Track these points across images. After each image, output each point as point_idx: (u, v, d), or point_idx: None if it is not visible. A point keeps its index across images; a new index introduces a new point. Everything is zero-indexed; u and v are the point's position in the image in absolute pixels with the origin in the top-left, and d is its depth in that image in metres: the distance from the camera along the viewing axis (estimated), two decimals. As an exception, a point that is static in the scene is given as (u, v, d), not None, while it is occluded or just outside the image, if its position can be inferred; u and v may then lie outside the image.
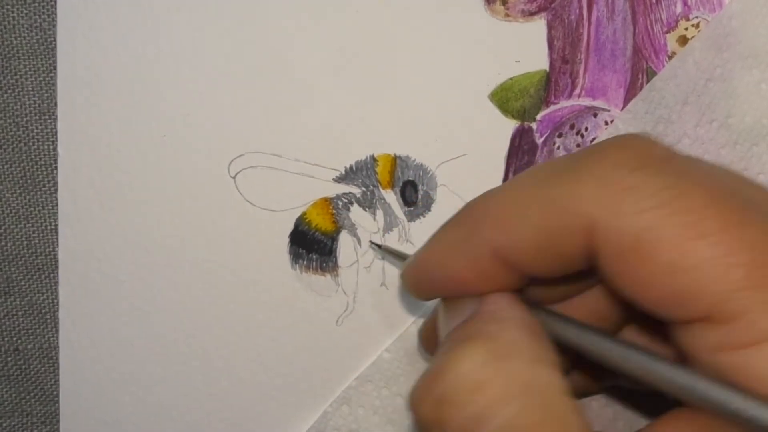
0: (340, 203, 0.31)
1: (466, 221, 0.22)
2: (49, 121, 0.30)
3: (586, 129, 0.32)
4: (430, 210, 0.31)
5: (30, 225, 0.30)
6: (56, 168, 0.30)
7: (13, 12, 0.30)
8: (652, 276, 0.19)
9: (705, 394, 0.19)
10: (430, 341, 0.28)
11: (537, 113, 0.32)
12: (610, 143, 0.21)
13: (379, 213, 0.31)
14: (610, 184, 0.19)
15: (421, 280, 0.24)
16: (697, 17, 0.32)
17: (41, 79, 0.30)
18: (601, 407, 0.30)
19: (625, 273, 0.20)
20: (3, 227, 0.30)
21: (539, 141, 0.32)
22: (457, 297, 0.23)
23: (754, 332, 0.18)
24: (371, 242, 0.31)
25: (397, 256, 0.30)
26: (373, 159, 0.31)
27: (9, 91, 0.30)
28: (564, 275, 0.22)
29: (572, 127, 0.32)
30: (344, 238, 0.31)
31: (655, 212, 0.19)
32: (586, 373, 0.27)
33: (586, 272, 0.21)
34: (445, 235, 0.23)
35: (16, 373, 0.31)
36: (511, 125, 0.32)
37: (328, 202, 0.31)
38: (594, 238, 0.20)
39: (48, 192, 0.30)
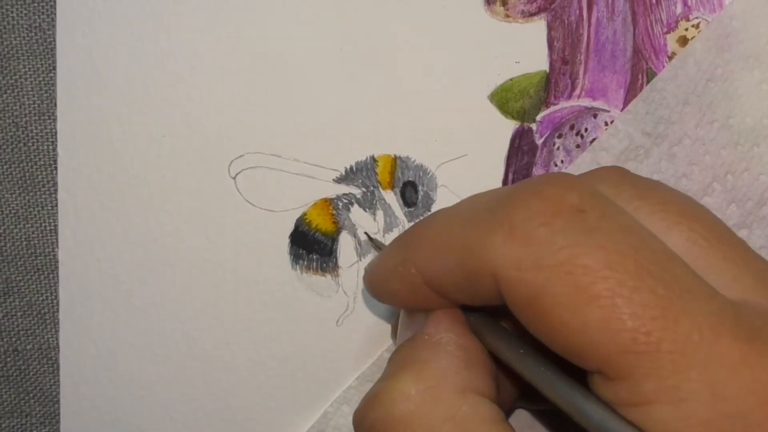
0: (341, 204, 0.31)
1: (402, 247, 0.24)
2: (48, 121, 0.30)
3: (586, 130, 0.32)
4: (430, 211, 0.31)
5: (29, 225, 0.30)
6: (56, 168, 0.30)
7: (12, 12, 0.30)
8: (549, 330, 0.20)
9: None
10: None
11: (537, 114, 0.32)
12: (528, 189, 0.21)
13: (380, 213, 0.31)
14: (516, 237, 0.20)
15: (374, 291, 0.26)
16: (697, 18, 0.32)
17: (41, 79, 0.30)
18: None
19: (527, 321, 0.21)
20: (2, 228, 0.30)
21: (539, 142, 0.32)
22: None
23: (636, 394, 0.19)
24: (366, 233, 0.31)
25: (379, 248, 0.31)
26: (374, 159, 0.31)
27: (8, 92, 0.30)
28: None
29: (572, 127, 0.32)
30: (344, 238, 0.31)
31: (553, 270, 0.19)
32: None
33: None
34: (387, 257, 0.25)
35: (15, 374, 0.31)
36: (510, 126, 0.32)
37: (328, 202, 0.31)
38: (500, 285, 0.21)
39: (47, 192, 0.30)
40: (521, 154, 0.32)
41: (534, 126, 0.32)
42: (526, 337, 0.24)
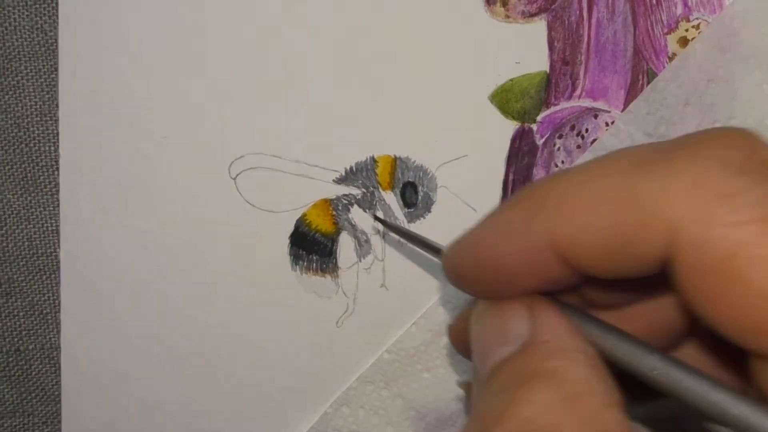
0: (341, 204, 0.31)
1: (525, 203, 0.20)
2: (50, 122, 0.30)
3: (587, 130, 0.32)
4: (430, 211, 0.31)
5: (31, 226, 0.30)
6: (57, 169, 0.30)
7: (14, 13, 0.30)
8: (739, 299, 0.17)
9: None
10: (460, 340, 0.25)
11: (537, 114, 0.32)
12: (712, 136, 0.18)
13: (380, 214, 0.31)
14: (705, 186, 0.17)
15: (464, 265, 0.21)
16: (697, 18, 0.32)
17: (43, 80, 0.30)
18: None
19: (707, 291, 0.17)
20: (4, 228, 0.30)
21: (539, 142, 0.32)
22: (498, 301, 0.21)
23: None
24: (375, 216, 0.30)
25: (402, 233, 0.29)
26: (373, 160, 0.31)
27: (10, 93, 0.30)
28: (627, 279, 0.19)
29: (573, 128, 0.32)
30: (344, 239, 0.31)
31: (755, 227, 0.16)
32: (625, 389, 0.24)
33: (653, 279, 0.19)
34: (500, 216, 0.20)
35: (17, 374, 0.31)
36: (511, 126, 0.31)
37: (328, 203, 0.31)
38: (676, 245, 0.17)
39: (49, 193, 0.30)
40: (522, 154, 0.32)
41: (534, 126, 0.32)
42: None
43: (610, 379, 0.19)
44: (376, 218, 0.31)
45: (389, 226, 0.30)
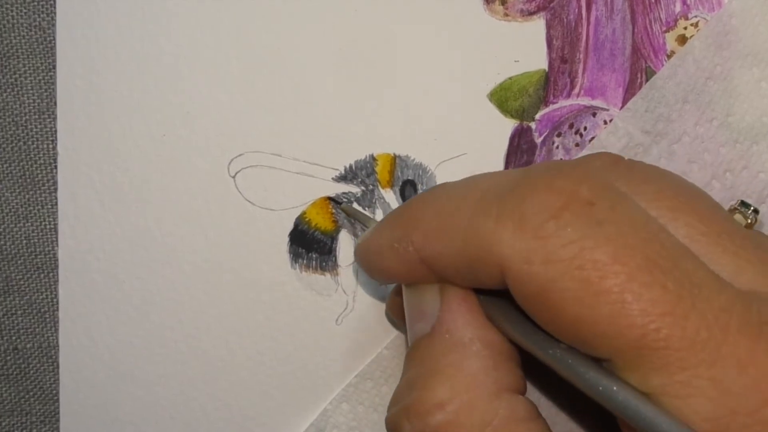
0: (341, 198, 0.31)
1: (400, 224, 0.24)
2: (48, 120, 0.30)
3: (585, 128, 0.32)
4: (429, 209, 0.31)
5: (29, 224, 0.30)
6: (56, 167, 0.30)
7: (12, 11, 0.30)
8: (558, 322, 0.20)
9: (631, 411, 0.19)
10: (395, 311, 0.29)
11: (536, 113, 0.32)
12: (538, 180, 0.21)
13: (379, 212, 0.31)
14: (525, 230, 0.20)
15: (367, 267, 0.25)
16: (696, 16, 0.32)
17: (41, 78, 0.30)
18: (565, 425, 0.30)
19: (534, 313, 0.21)
20: (2, 226, 0.30)
21: (538, 140, 0.32)
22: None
23: (645, 387, 0.19)
24: (334, 200, 0.31)
25: (358, 219, 0.30)
26: (373, 158, 0.31)
27: (8, 90, 0.30)
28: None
29: (571, 126, 0.32)
30: (344, 237, 0.31)
31: (562, 265, 0.19)
32: None
33: None
34: (382, 232, 0.24)
35: (15, 373, 0.31)
36: (510, 125, 0.32)
37: (327, 201, 0.31)
38: (507, 277, 0.20)
39: (47, 191, 0.30)
40: (520, 152, 0.32)
41: (533, 125, 0.32)
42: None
43: (505, 364, 0.22)
44: (337, 203, 0.31)
45: (346, 210, 0.31)
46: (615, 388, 0.20)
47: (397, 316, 0.30)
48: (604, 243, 0.19)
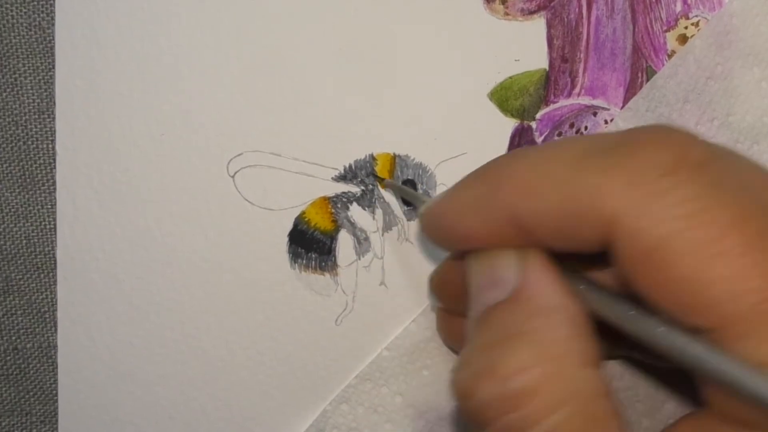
0: (340, 202, 0.31)
1: (488, 179, 0.22)
2: (47, 119, 0.30)
3: (586, 128, 0.32)
4: (429, 209, 0.31)
5: (28, 224, 0.30)
6: (55, 167, 0.30)
7: (11, 11, 0.30)
8: (666, 283, 0.19)
9: (726, 373, 0.19)
10: (442, 289, 0.28)
11: (536, 112, 0.32)
12: (649, 136, 0.20)
13: (378, 212, 0.31)
14: (639, 184, 0.19)
15: (437, 230, 0.24)
16: (696, 16, 0.32)
17: (40, 78, 0.30)
18: (629, 400, 0.30)
19: (639, 274, 0.19)
20: (1, 226, 0.30)
21: (539, 140, 0.32)
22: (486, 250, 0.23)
23: (756, 356, 0.18)
24: (374, 175, 0.30)
25: (404, 192, 0.29)
26: (373, 158, 0.31)
27: (8, 90, 0.30)
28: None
29: (572, 125, 0.32)
30: (343, 237, 0.31)
31: (679, 222, 0.19)
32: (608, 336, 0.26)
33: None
34: (466, 189, 0.23)
35: (15, 373, 0.31)
36: (510, 124, 0.31)
37: (327, 201, 0.31)
38: (614, 233, 0.19)
39: (46, 191, 0.30)
40: (521, 152, 0.32)
41: (534, 124, 0.32)
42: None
43: (588, 336, 0.21)
44: (376, 177, 0.30)
45: (390, 186, 0.30)
46: (721, 357, 0.19)
47: (443, 293, 0.28)
48: (723, 204, 0.19)
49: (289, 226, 0.31)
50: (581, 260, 0.22)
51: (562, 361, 0.20)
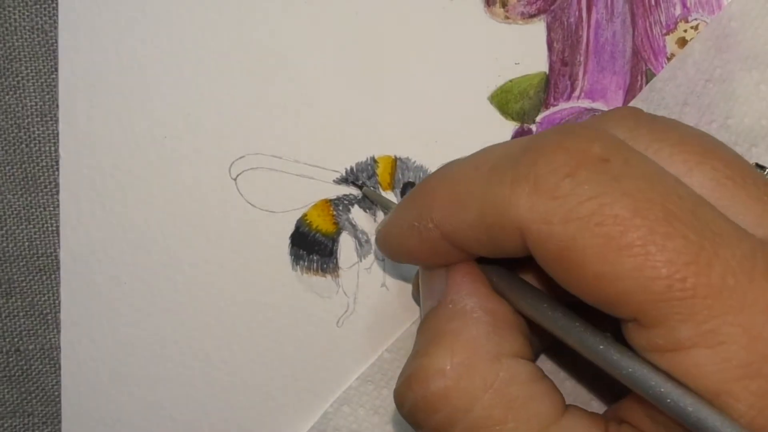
0: (341, 205, 0.31)
1: (417, 202, 0.23)
2: (50, 122, 0.30)
3: (548, 129, 0.32)
4: (430, 211, 0.31)
5: (31, 226, 0.30)
6: (57, 169, 0.30)
7: (14, 14, 0.30)
8: (581, 281, 0.20)
9: (642, 382, 0.20)
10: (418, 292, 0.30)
11: (536, 115, 0.32)
12: (549, 141, 0.21)
13: (380, 214, 0.31)
14: (541, 191, 0.20)
15: (388, 250, 0.26)
16: (696, 19, 0.32)
17: (43, 81, 0.30)
18: (574, 385, 0.30)
19: (557, 274, 0.20)
20: (4, 228, 0.30)
21: (539, 142, 0.32)
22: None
23: (672, 340, 0.19)
24: (353, 184, 0.31)
25: (380, 203, 0.30)
26: (374, 160, 0.31)
27: (11, 93, 0.30)
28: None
29: (572, 128, 0.32)
30: (345, 239, 0.31)
31: (582, 222, 0.19)
32: None
33: None
34: (402, 213, 0.24)
35: (17, 374, 0.31)
36: (510, 127, 0.32)
37: (328, 203, 0.31)
38: (527, 240, 0.20)
39: (49, 193, 0.30)
40: (521, 155, 0.32)
41: (534, 127, 0.32)
42: (546, 287, 0.24)
43: (507, 332, 0.22)
44: (363, 190, 0.31)
45: (367, 194, 0.31)
46: (624, 356, 0.20)
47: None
48: (622, 198, 0.19)
49: (291, 229, 0.31)
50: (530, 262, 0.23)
51: (475, 358, 0.22)
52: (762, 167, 0.29)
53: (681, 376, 0.19)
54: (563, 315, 0.22)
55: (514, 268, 0.24)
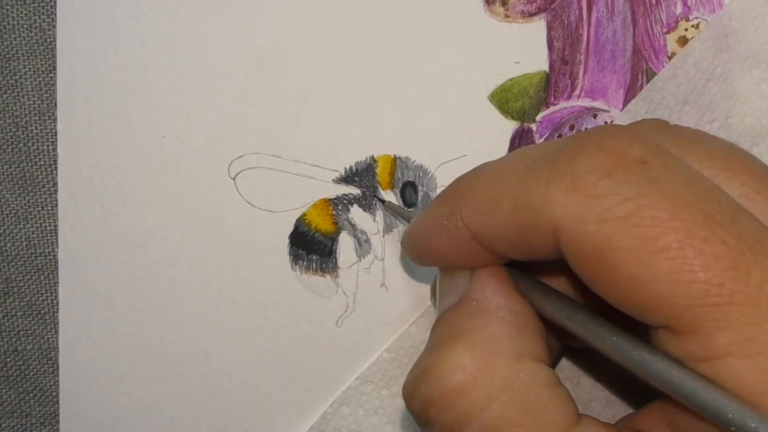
0: (340, 204, 0.31)
1: (449, 201, 0.23)
2: (48, 121, 0.30)
3: (586, 130, 0.32)
4: (429, 211, 0.31)
5: (29, 225, 0.30)
6: (56, 168, 0.30)
7: (12, 12, 0.30)
8: (614, 284, 0.19)
9: (678, 384, 0.19)
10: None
11: (537, 114, 0.32)
12: (588, 141, 0.20)
13: (379, 214, 0.31)
14: (579, 189, 0.19)
15: (415, 251, 0.25)
16: (697, 18, 0.32)
17: (41, 79, 0.30)
18: (589, 391, 0.30)
19: (590, 277, 0.20)
20: (2, 228, 0.30)
21: (539, 142, 0.32)
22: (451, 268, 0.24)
23: (707, 348, 0.18)
24: (376, 197, 0.31)
25: (400, 215, 0.30)
26: (373, 160, 0.31)
27: (9, 92, 0.30)
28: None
29: (572, 128, 0.32)
30: (344, 239, 0.31)
31: (619, 223, 0.19)
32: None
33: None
34: (432, 212, 0.24)
35: (15, 374, 0.31)
36: (510, 126, 0.32)
37: (328, 203, 0.31)
38: (561, 240, 0.20)
39: (47, 193, 0.30)
40: (521, 154, 0.32)
41: (534, 126, 0.32)
42: (575, 295, 0.23)
43: (528, 332, 0.22)
44: (378, 199, 0.31)
45: (389, 207, 0.31)
46: (659, 359, 0.19)
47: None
48: (661, 200, 0.19)
49: (290, 228, 0.31)
50: (557, 268, 0.23)
51: (496, 356, 0.21)
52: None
53: (718, 384, 0.19)
54: (593, 318, 0.21)
55: (540, 276, 0.24)
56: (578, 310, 0.22)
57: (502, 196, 0.21)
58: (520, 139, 0.32)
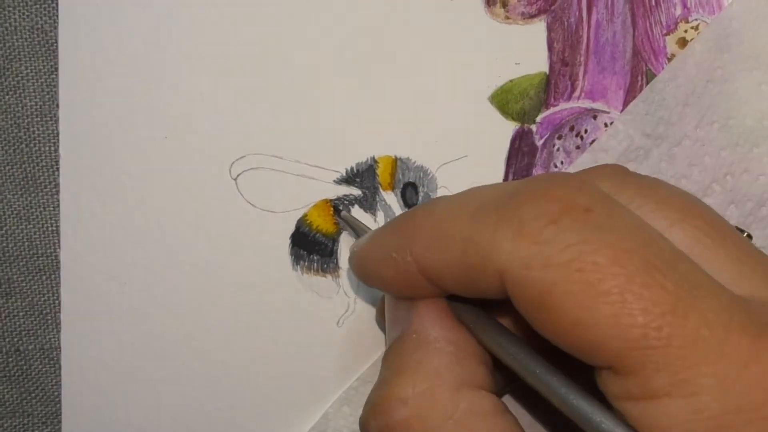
0: (341, 205, 0.31)
1: (399, 232, 0.24)
2: (50, 122, 0.30)
3: (586, 131, 0.32)
4: (430, 211, 0.31)
5: (31, 226, 0.30)
6: (58, 169, 0.30)
7: (14, 14, 0.30)
8: (558, 327, 0.20)
9: (597, 424, 0.20)
10: (382, 316, 0.30)
11: (537, 115, 0.32)
12: (536, 188, 0.21)
13: (380, 215, 0.31)
14: (525, 236, 0.20)
15: (362, 273, 0.26)
16: (696, 19, 0.32)
17: (43, 80, 0.30)
18: (531, 422, 0.30)
19: (534, 319, 0.21)
20: (4, 228, 0.30)
21: (539, 143, 0.32)
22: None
23: (646, 389, 0.19)
24: (334, 208, 0.31)
25: (354, 228, 0.30)
26: (374, 161, 0.31)
27: (11, 93, 0.30)
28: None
29: (572, 129, 0.32)
30: (345, 239, 0.31)
31: (562, 268, 0.19)
32: None
33: None
34: (380, 241, 0.25)
35: (17, 374, 0.31)
36: (511, 127, 0.32)
37: (329, 203, 0.31)
38: (507, 283, 0.21)
39: (49, 193, 0.30)
40: (521, 155, 0.32)
41: (534, 127, 0.32)
42: (520, 332, 0.24)
43: (470, 363, 0.23)
44: (339, 213, 0.31)
45: (345, 219, 0.31)
46: (586, 404, 0.20)
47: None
48: (603, 246, 0.19)
49: (291, 229, 0.31)
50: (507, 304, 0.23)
51: (437, 388, 0.22)
52: (742, 230, 0.30)
53: (653, 425, 0.19)
54: (525, 352, 0.22)
55: (489, 310, 0.24)
56: (513, 343, 0.22)
57: (451, 237, 0.22)
58: (520, 140, 0.32)
